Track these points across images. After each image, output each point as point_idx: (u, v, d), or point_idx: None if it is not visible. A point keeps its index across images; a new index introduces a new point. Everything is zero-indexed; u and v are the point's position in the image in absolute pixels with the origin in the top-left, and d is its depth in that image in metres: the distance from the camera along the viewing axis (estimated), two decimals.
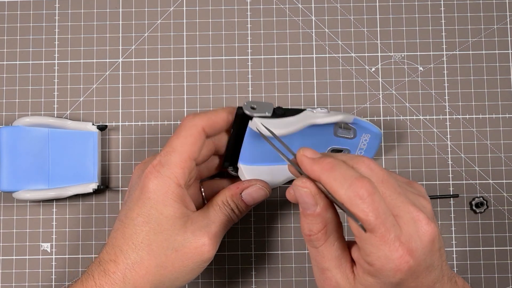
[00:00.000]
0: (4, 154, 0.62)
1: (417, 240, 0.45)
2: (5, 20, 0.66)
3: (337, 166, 0.45)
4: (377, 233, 0.44)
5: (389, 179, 0.46)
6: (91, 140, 0.63)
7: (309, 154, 0.47)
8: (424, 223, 0.45)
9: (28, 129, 0.62)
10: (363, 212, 0.43)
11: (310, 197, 0.47)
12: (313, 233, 0.47)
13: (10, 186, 0.61)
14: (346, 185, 0.44)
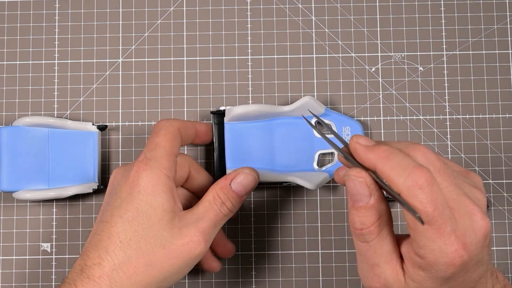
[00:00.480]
0: (4, 154, 0.62)
1: (471, 235, 0.43)
2: (5, 20, 0.66)
3: (394, 154, 0.43)
4: (433, 225, 0.42)
5: (446, 170, 0.44)
6: (91, 140, 0.63)
7: (363, 141, 0.45)
8: (479, 218, 0.43)
9: (28, 129, 0.62)
10: (422, 203, 0.42)
11: (365, 188, 0.45)
12: (365, 226, 0.45)
13: (10, 186, 0.61)
14: (404, 174, 0.42)
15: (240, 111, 0.62)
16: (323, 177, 0.62)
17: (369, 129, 0.65)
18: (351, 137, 0.46)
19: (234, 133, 0.63)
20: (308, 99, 0.63)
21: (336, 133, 0.49)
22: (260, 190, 0.64)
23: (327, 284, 0.63)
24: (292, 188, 0.64)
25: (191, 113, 0.65)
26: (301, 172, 0.62)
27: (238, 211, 0.64)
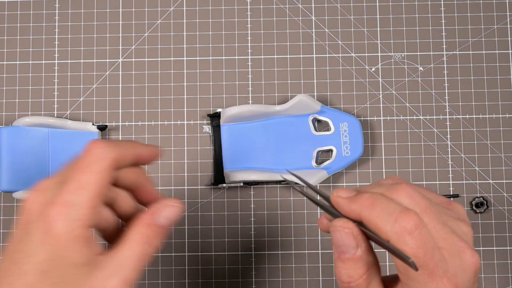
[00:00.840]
0: (4, 154, 0.62)
1: (462, 274, 0.42)
2: (5, 20, 0.66)
3: (378, 201, 0.41)
4: (425, 270, 0.40)
5: (432, 208, 0.42)
6: None
7: (344, 194, 0.43)
8: (469, 255, 0.42)
9: (28, 129, 0.62)
10: (412, 249, 0.40)
11: (352, 238, 0.43)
12: (353, 279, 0.43)
13: (10, 186, 0.61)
14: (391, 220, 0.40)
15: (234, 111, 0.62)
16: (321, 174, 0.62)
17: (369, 129, 0.65)
18: (331, 192, 0.44)
19: (231, 134, 0.63)
20: (302, 97, 0.63)
21: (316, 188, 0.47)
22: (260, 190, 0.64)
23: (327, 284, 0.63)
24: (292, 188, 0.64)
25: (191, 113, 0.65)
26: (299, 170, 0.62)
27: (238, 212, 0.64)
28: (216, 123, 0.64)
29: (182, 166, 0.64)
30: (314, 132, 0.63)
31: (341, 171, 0.64)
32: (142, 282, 0.63)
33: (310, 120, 0.63)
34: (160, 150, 0.52)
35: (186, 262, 0.63)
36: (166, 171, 0.64)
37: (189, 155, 0.65)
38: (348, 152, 0.63)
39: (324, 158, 0.64)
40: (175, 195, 0.64)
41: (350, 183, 0.64)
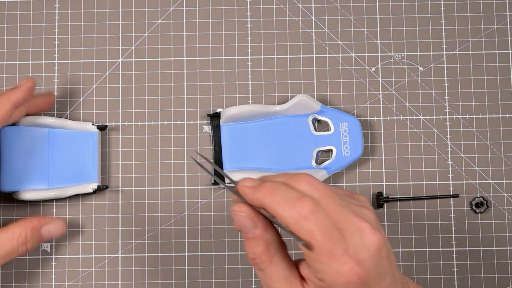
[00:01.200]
0: (4, 154, 0.62)
1: (364, 251, 0.45)
2: (5, 20, 0.66)
3: (278, 190, 0.45)
4: (325, 250, 0.44)
5: (331, 193, 0.46)
6: (91, 140, 0.63)
7: (249, 183, 0.47)
8: (369, 233, 0.45)
9: (28, 129, 0.62)
10: (309, 232, 0.44)
11: (248, 220, 0.47)
12: (256, 255, 0.47)
13: (10, 187, 0.61)
14: (288, 207, 0.44)
15: (234, 111, 0.62)
16: (320, 174, 0.62)
17: (369, 129, 0.65)
18: (237, 181, 0.48)
19: (230, 134, 0.63)
20: (302, 97, 0.63)
21: (224, 172, 0.51)
22: None
23: None
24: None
25: (191, 113, 0.65)
26: (299, 170, 0.62)
27: None
28: (216, 123, 0.64)
29: (182, 166, 0.64)
30: (314, 132, 0.63)
31: (341, 171, 0.64)
32: (142, 282, 0.63)
33: (310, 120, 0.63)
34: (32, 80, 0.60)
35: (186, 262, 0.63)
36: (166, 171, 0.64)
37: (189, 155, 0.65)
38: (348, 152, 0.63)
39: (324, 158, 0.64)
40: (175, 195, 0.64)
41: (350, 183, 0.64)
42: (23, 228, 0.56)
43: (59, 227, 0.59)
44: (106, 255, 0.63)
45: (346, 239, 0.44)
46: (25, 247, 0.57)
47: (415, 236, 0.64)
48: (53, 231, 0.59)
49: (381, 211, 0.64)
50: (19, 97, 0.58)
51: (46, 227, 0.58)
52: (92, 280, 0.63)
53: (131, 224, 0.64)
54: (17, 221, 0.58)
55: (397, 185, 0.64)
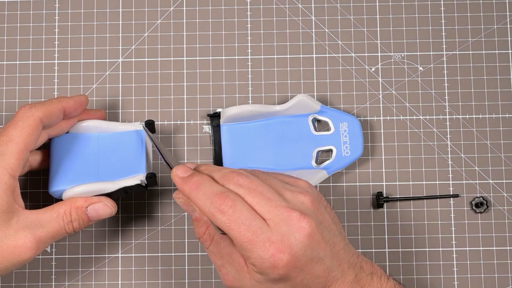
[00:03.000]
0: (54, 160, 0.59)
1: (291, 237, 0.48)
2: (5, 20, 0.66)
3: (202, 185, 0.50)
4: (244, 239, 0.48)
5: (257, 188, 0.50)
6: (139, 139, 0.60)
7: (180, 172, 0.51)
8: (296, 220, 0.48)
9: (78, 135, 0.60)
10: (226, 224, 0.48)
11: (187, 205, 0.52)
12: (200, 235, 0.53)
13: (60, 187, 0.58)
14: (208, 202, 0.49)
15: (234, 111, 0.62)
16: (320, 174, 0.62)
17: (369, 129, 0.65)
18: (173, 167, 0.52)
19: (231, 134, 0.63)
20: (302, 97, 0.63)
21: (170, 155, 0.55)
22: None
23: None
24: None
25: (191, 113, 0.65)
26: (299, 170, 0.62)
27: None
28: (216, 123, 0.64)
29: None
30: (314, 132, 0.63)
31: (341, 171, 0.64)
32: (142, 282, 0.63)
33: (310, 120, 0.63)
34: (86, 97, 0.59)
35: (186, 262, 0.63)
36: (166, 171, 0.64)
37: (189, 155, 0.65)
38: (348, 152, 0.63)
39: (324, 158, 0.64)
40: None
41: (350, 183, 0.64)
42: (67, 207, 0.56)
43: (107, 207, 0.57)
44: (106, 255, 0.63)
45: (270, 228, 0.48)
46: (71, 226, 0.56)
47: (415, 236, 0.64)
48: (100, 211, 0.57)
49: (381, 211, 0.64)
50: (70, 103, 0.57)
51: (93, 207, 0.56)
52: (92, 280, 0.63)
53: (131, 224, 0.64)
54: (62, 201, 0.57)
55: (397, 185, 0.64)
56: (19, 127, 0.54)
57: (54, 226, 0.55)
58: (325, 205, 0.52)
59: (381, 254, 0.63)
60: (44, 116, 0.55)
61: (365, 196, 0.64)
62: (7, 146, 0.53)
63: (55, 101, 0.57)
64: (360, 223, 0.64)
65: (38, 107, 0.55)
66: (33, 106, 0.55)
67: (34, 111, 0.55)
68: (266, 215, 0.49)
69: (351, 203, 0.64)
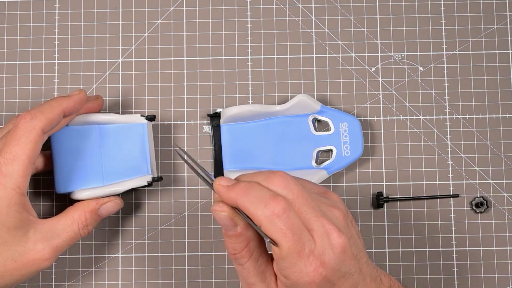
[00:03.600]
0: (57, 156, 0.60)
1: (330, 252, 0.47)
2: (5, 20, 0.66)
3: (251, 189, 0.47)
4: (294, 249, 0.46)
5: (304, 194, 0.47)
6: (140, 132, 0.60)
7: (224, 182, 0.49)
8: (336, 236, 0.47)
9: (78, 128, 0.60)
10: (281, 230, 0.46)
11: (229, 220, 0.48)
12: (237, 251, 0.49)
13: (66, 188, 0.59)
14: (261, 206, 0.46)
15: (234, 111, 0.62)
16: (320, 174, 0.62)
17: (369, 129, 0.65)
18: (214, 180, 0.49)
19: (231, 134, 0.63)
20: (302, 97, 0.63)
21: (204, 169, 0.52)
22: None
23: None
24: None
25: (191, 113, 0.65)
26: (299, 170, 0.62)
27: None
28: (216, 123, 0.64)
29: (182, 166, 0.64)
30: (314, 132, 0.63)
31: (341, 171, 0.64)
32: (142, 282, 0.63)
33: (310, 120, 0.63)
34: (85, 93, 0.58)
35: (186, 262, 0.63)
36: (166, 171, 0.64)
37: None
38: (348, 152, 0.63)
39: (324, 158, 0.64)
40: (175, 195, 0.64)
41: (350, 183, 0.64)
42: (81, 212, 0.56)
43: (117, 204, 0.59)
44: (106, 255, 0.63)
45: (315, 240, 0.46)
46: (86, 230, 0.57)
47: (415, 236, 0.64)
48: (111, 208, 0.59)
49: (381, 211, 0.64)
50: (69, 105, 0.56)
51: (104, 207, 0.58)
52: (92, 280, 0.63)
53: (131, 224, 0.64)
54: (74, 205, 0.58)
55: (397, 185, 0.64)
56: (22, 143, 0.53)
57: (69, 233, 0.56)
58: (351, 219, 0.51)
59: (381, 254, 0.63)
60: (46, 126, 0.54)
61: (365, 196, 0.64)
62: (13, 165, 0.53)
63: (55, 105, 0.56)
64: (360, 223, 0.64)
65: (39, 117, 0.54)
66: (34, 117, 0.54)
67: (35, 122, 0.54)
68: (310, 225, 0.47)
69: (351, 203, 0.64)
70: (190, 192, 0.64)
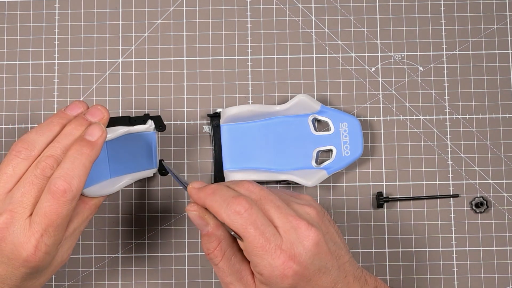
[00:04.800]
0: None
1: (299, 246, 0.48)
2: (5, 20, 0.66)
3: (218, 190, 0.50)
4: (257, 243, 0.47)
5: (268, 195, 0.50)
6: (148, 140, 0.60)
7: (196, 185, 0.51)
8: (304, 229, 0.48)
9: None
10: (242, 226, 0.48)
11: (200, 219, 0.51)
12: (210, 251, 0.51)
13: None
14: (224, 204, 0.48)
15: (234, 111, 0.62)
16: (320, 174, 0.62)
17: (369, 129, 0.65)
18: (189, 183, 0.52)
19: (231, 134, 0.63)
20: (302, 97, 0.63)
21: (180, 176, 0.55)
22: None
23: None
24: (292, 188, 0.64)
25: (191, 113, 0.65)
26: (299, 170, 0.62)
27: None
28: (216, 123, 0.64)
29: (182, 166, 0.64)
30: (314, 132, 0.63)
31: (341, 171, 0.64)
32: (142, 282, 0.63)
33: (310, 120, 0.63)
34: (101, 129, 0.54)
35: (186, 262, 0.63)
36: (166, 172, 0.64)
37: (189, 155, 0.65)
38: (348, 152, 0.63)
39: (324, 158, 0.64)
40: (175, 195, 0.64)
41: (350, 183, 0.64)
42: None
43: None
44: (106, 255, 0.63)
45: (281, 235, 0.48)
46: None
47: (415, 236, 0.64)
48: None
49: (381, 211, 0.64)
50: (98, 155, 0.53)
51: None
52: (92, 280, 0.63)
53: (131, 224, 0.64)
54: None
55: (397, 185, 0.64)
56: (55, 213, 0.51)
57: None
58: (328, 219, 0.52)
59: (381, 254, 0.63)
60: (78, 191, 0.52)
61: (365, 196, 0.64)
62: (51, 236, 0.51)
63: (88, 163, 0.52)
64: (360, 223, 0.64)
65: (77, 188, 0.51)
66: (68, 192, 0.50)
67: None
68: (276, 222, 0.49)
69: (351, 203, 0.64)
70: None
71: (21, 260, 0.50)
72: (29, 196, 0.50)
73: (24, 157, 0.51)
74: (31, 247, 0.49)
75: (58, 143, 0.52)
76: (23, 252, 0.50)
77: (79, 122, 0.53)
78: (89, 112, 0.54)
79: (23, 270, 0.50)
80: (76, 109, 0.55)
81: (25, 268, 0.50)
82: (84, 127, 0.53)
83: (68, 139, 0.52)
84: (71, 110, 0.55)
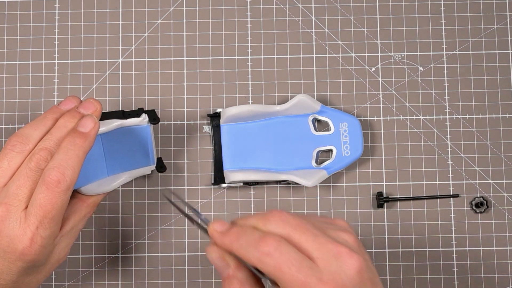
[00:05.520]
0: None
1: (342, 275, 0.45)
2: (5, 20, 0.66)
3: (242, 233, 0.46)
4: (296, 282, 0.44)
5: (302, 225, 0.46)
6: (143, 134, 0.59)
7: (218, 227, 0.48)
8: (347, 257, 0.45)
9: None
10: (274, 267, 0.44)
11: (221, 260, 0.48)
12: None
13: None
14: (252, 249, 0.45)
15: (234, 111, 0.62)
16: (320, 174, 0.62)
17: (369, 129, 0.65)
18: (208, 223, 0.49)
19: (231, 134, 0.63)
20: (302, 97, 0.63)
21: (199, 213, 0.51)
22: (260, 189, 0.64)
23: None
24: (292, 188, 0.64)
25: (191, 113, 0.65)
26: (299, 170, 0.62)
27: (238, 212, 0.64)
28: (216, 123, 0.64)
29: (182, 166, 0.64)
30: (314, 132, 0.63)
31: (341, 171, 0.64)
32: (142, 282, 0.63)
33: (310, 120, 0.63)
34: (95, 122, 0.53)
35: (186, 262, 0.63)
36: (166, 171, 0.64)
37: (189, 155, 0.65)
38: (348, 152, 0.63)
39: (324, 158, 0.64)
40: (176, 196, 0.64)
41: (350, 183, 0.64)
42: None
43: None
44: (106, 255, 0.63)
45: (320, 267, 0.45)
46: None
47: (415, 236, 0.64)
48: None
49: (381, 211, 0.64)
50: (91, 146, 0.53)
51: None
52: (92, 280, 0.63)
53: (131, 224, 0.64)
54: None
55: (397, 185, 0.64)
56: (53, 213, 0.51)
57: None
58: (362, 245, 0.49)
59: (381, 254, 0.63)
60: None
61: (365, 196, 0.64)
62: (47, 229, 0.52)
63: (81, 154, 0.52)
64: (360, 223, 0.64)
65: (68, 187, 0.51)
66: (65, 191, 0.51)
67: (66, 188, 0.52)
68: (314, 254, 0.45)
69: (351, 203, 0.64)
70: (190, 192, 0.64)
71: (17, 253, 0.50)
72: (24, 189, 0.50)
73: (19, 151, 0.51)
74: (27, 239, 0.49)
75: (52, 136, 0.52)
76: (19, 244, 0.50)
77: (72, 114, 0.53)
78: (82, 105, 0.54)
79: (19, 264, 0.50)
80: (70, 103, 0.55)
81: (22, 261, 0.50)
82: (77, 119, 0.53)
83: (61, 131, 0.52)
84: (64, 105, 0.55)
